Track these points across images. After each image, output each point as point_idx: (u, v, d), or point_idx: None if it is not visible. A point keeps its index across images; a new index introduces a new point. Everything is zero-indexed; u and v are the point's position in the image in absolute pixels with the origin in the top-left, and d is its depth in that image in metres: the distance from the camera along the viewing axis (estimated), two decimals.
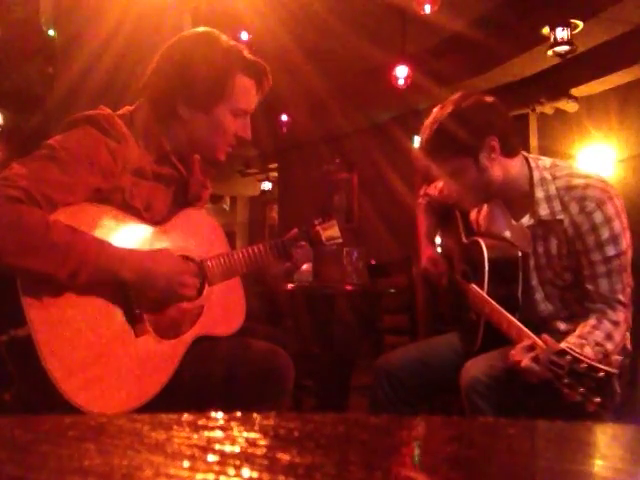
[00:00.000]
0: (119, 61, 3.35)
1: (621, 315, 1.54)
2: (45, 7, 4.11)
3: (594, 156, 4.80)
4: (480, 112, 1.60)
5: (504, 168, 1.62)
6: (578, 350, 1.31)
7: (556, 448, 0.52)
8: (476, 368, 1.59)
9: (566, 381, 1.24)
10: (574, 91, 4.94)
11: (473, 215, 1.88)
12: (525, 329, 1.47)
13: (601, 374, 1.20)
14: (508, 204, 1.72)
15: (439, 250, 2.06)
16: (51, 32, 4.11)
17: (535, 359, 1.35)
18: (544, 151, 4.96)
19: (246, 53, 1.50)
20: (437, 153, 1.64)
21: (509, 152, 1.62)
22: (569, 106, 5.02)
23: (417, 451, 0.51)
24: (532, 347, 1.38)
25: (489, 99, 1.64)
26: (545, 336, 1.40)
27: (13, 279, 1.17)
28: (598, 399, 1.19)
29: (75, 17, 3.73)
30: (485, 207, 1.80)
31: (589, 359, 1.24)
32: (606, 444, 0.56)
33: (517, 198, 1.67)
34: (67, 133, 1.36)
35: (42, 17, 4.12)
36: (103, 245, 1.26)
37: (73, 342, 1.22)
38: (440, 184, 2.00)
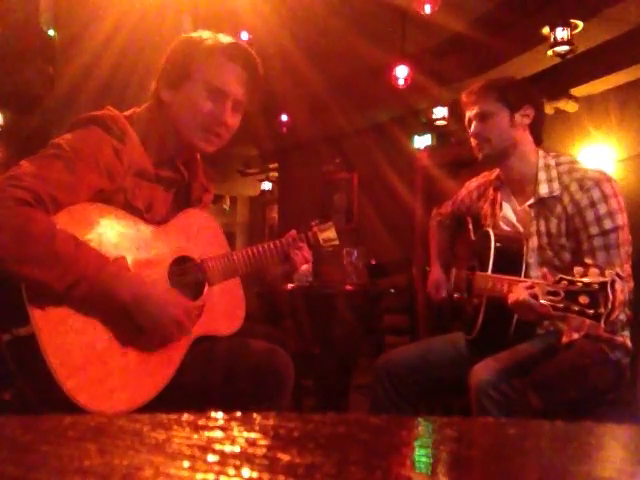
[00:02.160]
0: (119, 61, 3.36)
1: (618, 284, 1.53)
2: (45, 7, 4.11)
3: (594, 156, 4.79)
4: (531, 89, 1.92)
5: (525, 139, 1.83)
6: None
7: (556, 448, 0.52)
8: (486, 371, 1.59)
9: (561, 306, 1.28)
10: (574, 91, 4.93)
11: (485, 210, 1.97)
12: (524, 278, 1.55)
13: (595, 286, 1.25)
14: (515, 193, 1.88)
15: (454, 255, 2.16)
16: (51, 32, 4.11)
17: (533, 295, 1.40)
18: (544, 151, 4.94)
19: (228, 38, 1.49)
20: (485, 93, 1.84)
21: (533, 134, 1.85)
22: (569, 106, 5.02)
23: (417, 451, 0.51)
24: (531, 286, 1.44)
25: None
26: (544, 270, 1.46)
27: None
28: (591, 311, 1.24)
29: (75, 17, 3.73)
30: (499, 196, 1.93)
31: (583, 279, 1.28)
32: (606, 444, 0.56)
33: (523, 184, 1.83)
34: (74, 133, 1.36)
35: (42, 17, 4.12)
36: (105, 263, 1.25)
37: (76, 341, 1.22)
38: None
